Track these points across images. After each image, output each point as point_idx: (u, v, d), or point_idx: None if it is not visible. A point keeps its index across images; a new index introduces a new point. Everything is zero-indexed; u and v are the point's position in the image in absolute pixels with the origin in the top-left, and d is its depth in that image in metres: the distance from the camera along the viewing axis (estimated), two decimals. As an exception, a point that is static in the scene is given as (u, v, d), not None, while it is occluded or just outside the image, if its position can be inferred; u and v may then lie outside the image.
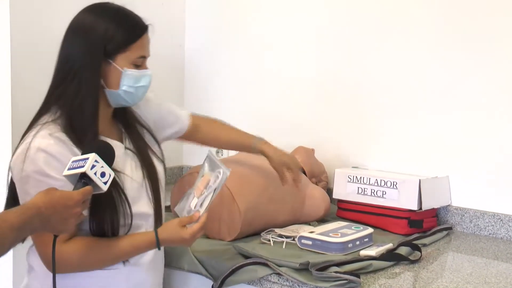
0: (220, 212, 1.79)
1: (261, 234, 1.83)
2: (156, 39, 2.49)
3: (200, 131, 1.82)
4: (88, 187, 1.23)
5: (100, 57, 1.42)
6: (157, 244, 1.45)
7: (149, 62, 2.46)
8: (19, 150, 1.39)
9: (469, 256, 1.78)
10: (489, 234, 1.98)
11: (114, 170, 1.30)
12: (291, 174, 1.85)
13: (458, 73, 2.04)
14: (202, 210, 1.47)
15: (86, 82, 1.42)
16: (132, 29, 1.45)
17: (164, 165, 1.63)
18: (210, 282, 1.64)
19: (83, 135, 1.40)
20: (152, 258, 1.52)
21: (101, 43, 1.42)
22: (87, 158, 1.24)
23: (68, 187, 1.25)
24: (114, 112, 1.55)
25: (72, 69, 1.42)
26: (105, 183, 1.26)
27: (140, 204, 1.49)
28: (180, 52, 2.65)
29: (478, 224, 2.00)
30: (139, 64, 1.48)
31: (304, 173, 2.14)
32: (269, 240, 1.78)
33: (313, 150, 2.25)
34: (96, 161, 1.24)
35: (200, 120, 1.84)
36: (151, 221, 1.52)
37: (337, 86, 2.30)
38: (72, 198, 1.19)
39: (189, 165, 2.60)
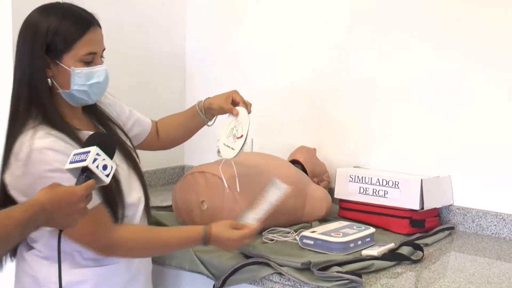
0: (221, 212, 1.78)
1: (263, 234, 1.82)
2: (156, 39, 2.55)
3: (159, 131, 1.82)
4: (90, 181, 1.22)
5: (43, 57, 1.40)
6: (205, 236, 1.47)
7: (150, 62, 2.52)
8: (20, 155, 1.35)
9: (471, 256, 1.77)
10: (492, 234, 1.98)
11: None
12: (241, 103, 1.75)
13: (461, 72, 2.03)
14: (256, 218, 1.57)
15: (39, 85, 1.41)
16: (75, 26, 1.41)
17: (137, 155, 1.63)
18: (212, 282, 1.64)
19: (67, 134, 1.41)
20: None
21: (43, 43, 1.40)
22: (89, 152, 1.23)
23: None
24: (85, 110, 1.54)
25: (24, 75, 1.42)
26: (107, 175, 1.24)
27: (134, 193, 1.51)
28: (181, 52, 2.65)
29: (481, 224, 2.00)
30: (89, 60, 1.44)
31: (306, 172, 2.14)
32: (271, 240, 1.78)
33: (314, 149, 2.25)
34: (97, 154, 1.23)
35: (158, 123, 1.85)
36: (141, 209, 1.53)
37: (339, 86, 2.29)
38: (75, 193, 1.18)
39: (191, 164, 2.60)
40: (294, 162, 2.17)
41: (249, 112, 1.71)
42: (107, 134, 1.38)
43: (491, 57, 1.97)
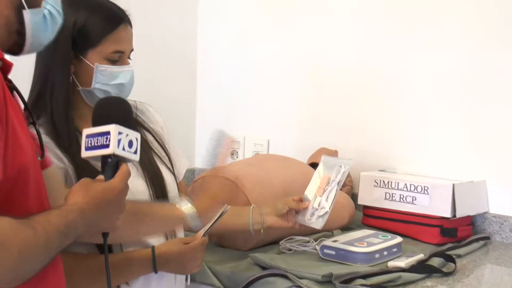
0: (235, 219, 1.79)
1: (280, 243, 1.83)
2: (166, 32, 2.57)
3: None
4: (124, 169, 1.10)
5: (69, 52, 1.43)
6: (153, 257, 1.41)
7: (159, 56, 2.50)
8: None
9: (509, 268, 1.77)
10: (532, 244, 1.98)
11: None
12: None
13: (497, 69, 2.02)
14: (328, 204, 1.59)
15: (58, 81, 1.43)
16: (104, 22, 1.44)
17: (176, 178, 1.59)
18: (225, 295, 1.65)
19: (65, 139, 1.40)
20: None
21: (69, 37, 1.42)
22: (108, 133, 1.09)
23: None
24: None
25: (45, 67, 1.44)
26: (135, 152, 1.13)
27: None
28: (192, 45, 2.65)
29: (519, 234, 1.99)
30: (115, 59, 1.46)
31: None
32: (289, 250, 1.79)
33: (336, 151, 2.25)
34: (119, 132, 1.09)
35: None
36: (161, 239, 1.49)
37: (363, 82, 2.29)
38: (115, 190, 1.07)
39: (202, 168, 2.59)
40: (315, 165, 2.09)
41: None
42: (116, 98, 1.28)
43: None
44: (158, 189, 1.51)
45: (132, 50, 1.52)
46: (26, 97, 1.40)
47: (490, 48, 2.03)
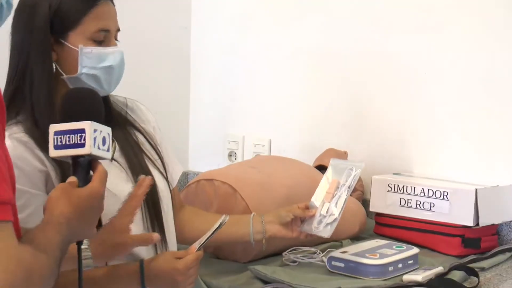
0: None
1: (283, 254, 1.81)
2: (157, 21, 2.52)
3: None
4: (102, 171, 1.10)
5: (47, 37, 1.40)
6: (141, 273, 1.35)
7: (149, 47, 2.46)
8: None
9: (540, 284, 1.74)
10: None
11: None
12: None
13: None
14: (337, 210, 1.60)
15: (38, 71, 1.40)
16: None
17: (169, 183, 1.57)
18: (221, 310, 1.64)
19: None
20: None
21: (46, 21, 1.39)
22: (82, 130, 1.08)
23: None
24: None
25: (22, 58, 1.41)
26: (108, 149, 1.13)
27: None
28: (185, 36, 2.64)
29: (550, 244, 1.97)
30: (101, 39, 1.43)
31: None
32: (293, 262, 1.77)
33: (345, 153, 2.21)
34: (94, 129, 1.09)
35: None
36: (152, 254, 1.46)
37: (375, 76, 2.25)
38: (97, 195, 1.08)
39: (196, 171, 2.57)
40: (321, 168, 2.11)
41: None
42: (87, 89, 1.27)
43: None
44: (149, 196, 1.45)
45: (118, 29, 1.49)
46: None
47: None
